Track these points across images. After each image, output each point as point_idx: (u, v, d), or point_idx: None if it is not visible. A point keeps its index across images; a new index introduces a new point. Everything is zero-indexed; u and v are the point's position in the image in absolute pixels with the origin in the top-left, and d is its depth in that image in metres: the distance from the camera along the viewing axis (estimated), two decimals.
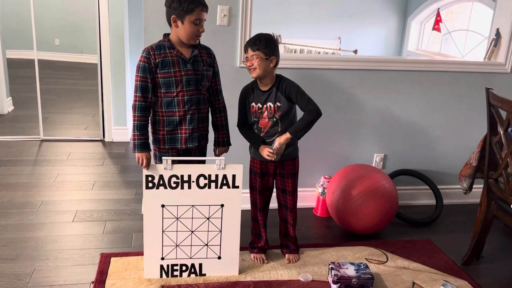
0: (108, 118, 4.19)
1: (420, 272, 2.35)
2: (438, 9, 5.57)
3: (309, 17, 5.79)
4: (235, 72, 2.69)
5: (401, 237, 2.73)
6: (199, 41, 2.13)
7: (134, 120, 2.06)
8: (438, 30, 5.54)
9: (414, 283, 2.23)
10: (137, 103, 2.04)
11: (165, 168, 2.05)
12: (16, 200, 2.92)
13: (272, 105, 2.16)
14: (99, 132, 4.27)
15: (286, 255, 2.39)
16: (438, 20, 5.50)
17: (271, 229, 2.49)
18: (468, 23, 5.28)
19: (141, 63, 2.03)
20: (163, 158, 2.06)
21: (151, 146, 2.13)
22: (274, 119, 2.18)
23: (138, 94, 2.03)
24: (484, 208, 2.39)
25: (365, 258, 2.44)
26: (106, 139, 4.23)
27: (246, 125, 2.29)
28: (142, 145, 2.06)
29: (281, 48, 4.96)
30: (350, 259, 2.42)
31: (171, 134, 2.11)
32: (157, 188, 2.07)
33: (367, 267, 2.20)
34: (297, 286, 2.18)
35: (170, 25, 2.04)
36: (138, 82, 2.03)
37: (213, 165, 2.08)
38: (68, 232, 2.57)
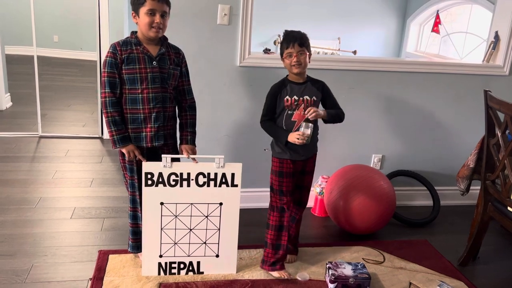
0: None
1: (416, 273, 2.36)
2: (438, 11, 5.58)
3: (309, 17, 5.79)
4: (235, 72, 2.70)
5: (398, 237, 2.75)
6: (167, 39, 2.11)
7: (107, 117, 2.03)
8: (437, 32, 5.55)
9: (410, 283, 2.24)
10: (107, 99, 2.02)
11: (165, 165, 2.06)
12: (14, 196, 2.92)
13: (309, 98, 2.17)
14: (98, 129, 4.26)
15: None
16: (437, 22, 5.51)
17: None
18: (467, 25, 5.29)
19: (108, 58, 2.01)
20: (162, 156, 2.05)
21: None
22: None
23: (107, 90, 2.02)
24: (481, 210, 2.40)
25: (362, 258, 2.46)
26: (105, 136, 4.21)
27: (271, 120, 2.24)
28: (122, 138, 2.04)
29: None
30: (347, 258, 2.43)
31: (135, 132, 2.08)
32: (156, 185, 2.08)
33: (364, 267, 2.21)
34: (294, 286, 2.19)
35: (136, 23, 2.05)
36: (106, 78, 2.01)
37: (213, 163, 2.09)
38: (66, 229, 2.57)
